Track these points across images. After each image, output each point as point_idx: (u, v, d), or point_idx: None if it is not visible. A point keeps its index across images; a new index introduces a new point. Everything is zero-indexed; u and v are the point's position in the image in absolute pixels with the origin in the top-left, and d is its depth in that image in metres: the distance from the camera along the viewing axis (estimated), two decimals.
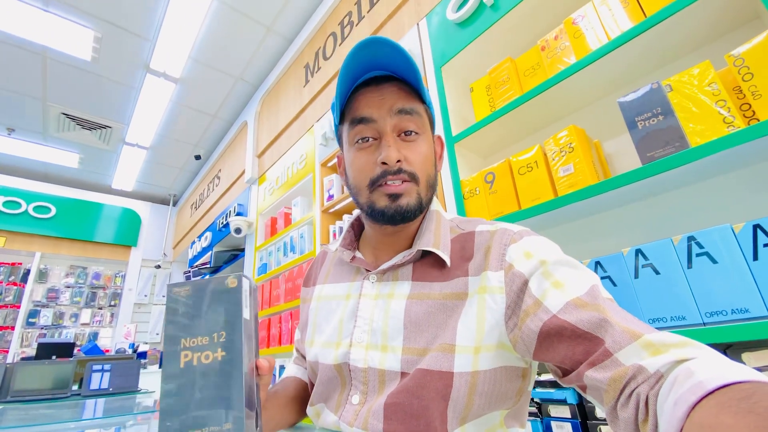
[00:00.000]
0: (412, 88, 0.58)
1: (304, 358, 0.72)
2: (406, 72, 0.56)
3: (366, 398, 0.52)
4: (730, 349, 0.75)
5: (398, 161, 0.54)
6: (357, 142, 0.58)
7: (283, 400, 0.63)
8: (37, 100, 3.36)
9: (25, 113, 3.51)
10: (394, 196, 0.55)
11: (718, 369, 0.30)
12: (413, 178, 0.55)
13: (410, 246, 0.60)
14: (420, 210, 0.57)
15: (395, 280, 0.57)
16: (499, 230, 0.55)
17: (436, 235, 0.57)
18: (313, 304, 0.68)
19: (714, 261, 0.74)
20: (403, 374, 0.50)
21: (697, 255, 0.76)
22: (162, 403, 0.37)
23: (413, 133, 0.57)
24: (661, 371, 0.35)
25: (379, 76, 0.58)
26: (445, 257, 0.55)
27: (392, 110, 0.55)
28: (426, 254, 0.57)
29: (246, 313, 0.42)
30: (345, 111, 0.60)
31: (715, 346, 0.75)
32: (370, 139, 0.57)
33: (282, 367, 2.17)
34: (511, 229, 0.54)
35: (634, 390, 0.36)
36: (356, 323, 0.56)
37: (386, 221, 0.56)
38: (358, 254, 0.64)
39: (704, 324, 0.73)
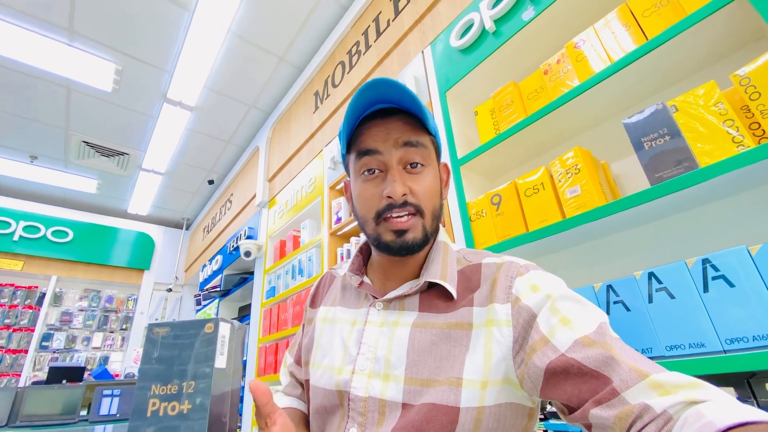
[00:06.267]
0: (418, 119, 0.58)
1: (300, 384, 0.70)
2: (411, 105, 0.56)
3: (364, 430, 0.50)
4: (754, 379, 0.71)
5: (404, 195, 0.54)
6: (363, 173, 0.58)
7: None
8: (59, 129, 3.51)
9: (47, 142, 3.66)
10: (400, 232, 0.54)
11: (729, 410, 0.29)
12: (418, 210, 0.55)
13: (417, 275, 0.59)
14: (426, 242, 0.57)
15: (401, 310, 0.57)
16: (505, 263, 0.55)
17: (443, 266, 0.57)
18: (318, 325, 0.67)
19: (731, 284, 0.71)
20: (404, 405, 0.48)
21: (713, 278, 0.73)
22: None
23: (419, 165, 0.57)
24: (669, 412, 0.34)
25: (385, 109, 0.59)
26: (452, 290, 0.54)
27: (398, 143, 0.56)
28: (433, 285, 0.57)
29: (221, 362, 0.40)
30: (351, 142, 0.61)
31: (737, 375, 0.72)
32: (376, 171, 0.57)
33: None
34: (518, 263, 0.54)
35: (641, 430, 0.35)
36: (360, 350, 0.55)
37: (392, 254, 0.57)
38: (366, 280, 0.63)
39: (724, 351, 0.69)
